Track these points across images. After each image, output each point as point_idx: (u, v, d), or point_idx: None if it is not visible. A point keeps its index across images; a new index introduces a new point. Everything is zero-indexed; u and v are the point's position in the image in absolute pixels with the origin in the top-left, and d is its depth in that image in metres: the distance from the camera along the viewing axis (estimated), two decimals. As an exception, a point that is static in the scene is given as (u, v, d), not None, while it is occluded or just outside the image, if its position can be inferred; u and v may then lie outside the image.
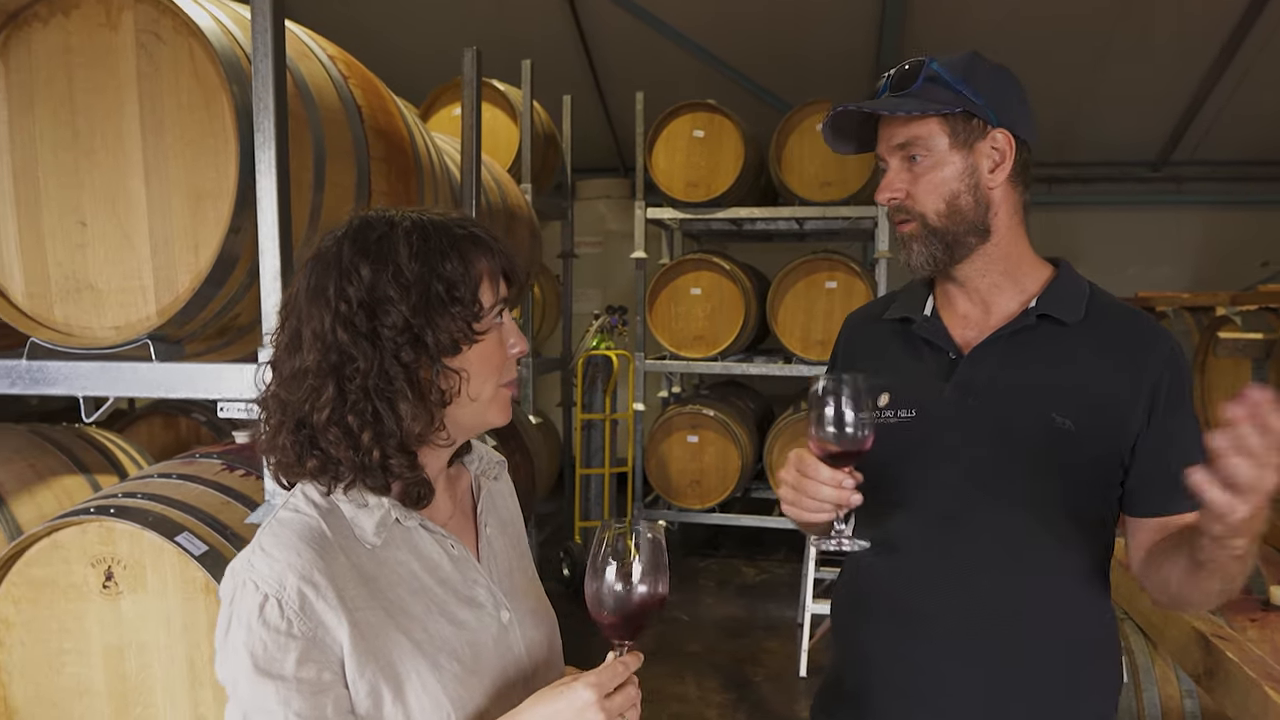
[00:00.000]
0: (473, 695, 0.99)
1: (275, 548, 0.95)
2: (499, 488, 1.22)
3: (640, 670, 0.98)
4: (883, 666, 1.32)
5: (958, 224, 1.28)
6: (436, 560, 1.04)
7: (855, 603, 1.39)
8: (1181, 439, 1.26)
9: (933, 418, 1.29)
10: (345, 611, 0.94)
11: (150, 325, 1.95)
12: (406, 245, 0.97)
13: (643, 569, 0.98)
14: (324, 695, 0.92)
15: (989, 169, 1.28)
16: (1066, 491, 1.26)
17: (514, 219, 4.01)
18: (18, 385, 2.03)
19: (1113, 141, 8.33)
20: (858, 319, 1.49)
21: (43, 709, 2.06)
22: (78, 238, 1.98)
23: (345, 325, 0.95)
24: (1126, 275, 8.63)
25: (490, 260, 1.02)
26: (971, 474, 1.26)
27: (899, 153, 1.29)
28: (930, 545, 1.26)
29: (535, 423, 5.11)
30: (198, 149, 1.90)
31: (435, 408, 0.98)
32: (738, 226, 6.44)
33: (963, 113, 1.26)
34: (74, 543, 2.01)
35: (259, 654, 0.91)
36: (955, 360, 1.31)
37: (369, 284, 0.96)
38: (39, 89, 1.98)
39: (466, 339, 0.99)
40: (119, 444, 3.00)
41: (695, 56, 7.34)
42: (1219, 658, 1.84)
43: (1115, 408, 1.25)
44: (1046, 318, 1.30)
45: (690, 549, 6.38)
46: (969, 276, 1.32)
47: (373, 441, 0.96)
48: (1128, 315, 1.33)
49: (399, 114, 2.48)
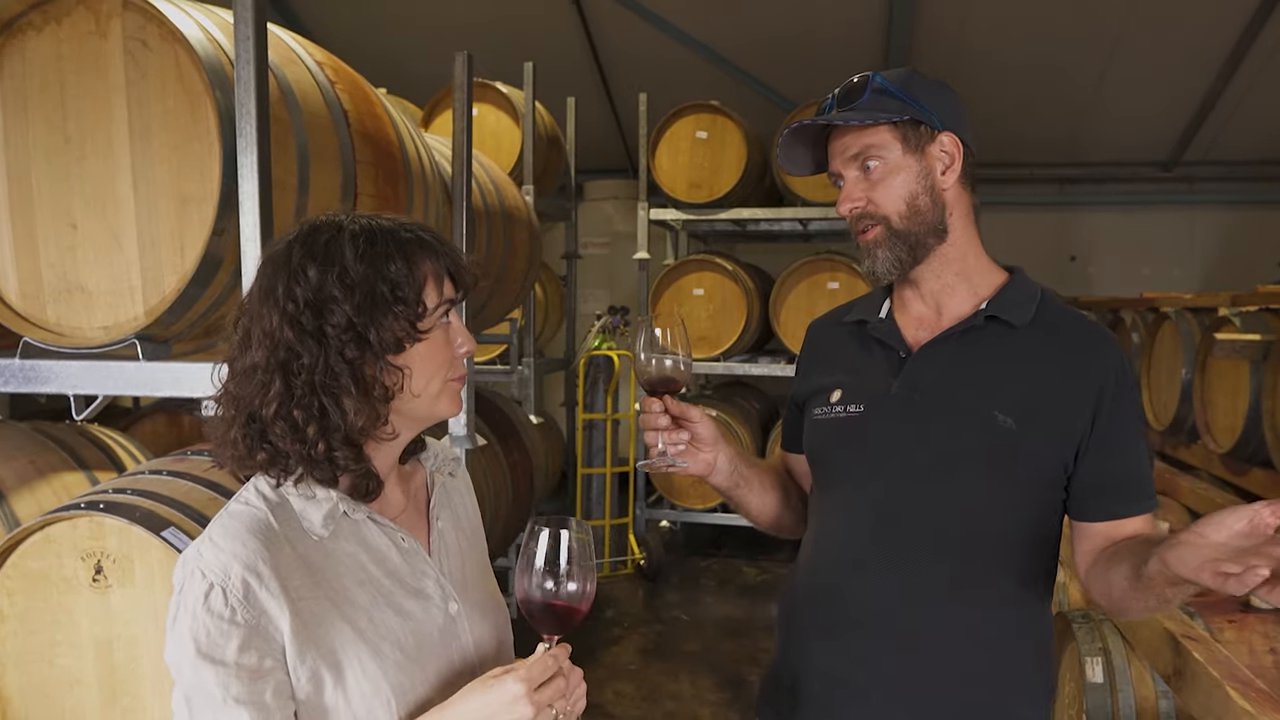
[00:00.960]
0: (414, 683, 1.03)
1: (222, 539, 0.99)
2: (455, 484, 1.26)
3: (636, 667, 1.01)
4: (818, 655, 1.35)
5: (919, 225, 1.32)
6: (385, 552, 1.08)
7: (797, 592, 1.42)
8: (1125, 445, 1.29)
9: (879, 413, 1.32)
10: (288, 600, 0.97)
11: (138, 325, 2.00)
12: (353, 248, 1.01)
13: (569, 567, 1.01)
14: (263, 681, 0.96)
15: (941, 171, 1.33)
16: (1005, 489, 1.28)
17: (512, 221, 4.05)
18: (11, 384, 2.08)
19: (1124, 141, 8.29)
20: (819, 324, 1.55)
21: (35, 699, 2.12)
22: (69, 240, 2.04)
23: (292, 324, 1.00)
24: (1140, 276, 8.59)
25: (435, 262, 1.06)
26: (913, 468, 1.29)
27: (854, 163, 1.33)
28: (871, 537, 1.29)
29: (536, 422, 5.15)
30: (183, 153, 1.95)
31: (379, 403, 1.02)
32: (742, 227, 6.46)
33: (910, 120, 1.31)
34: (65, 537, 2.07)
35: (202, 640, 0.95)
36: (905, 358, 1.35)
37: (316, 284, 1.00)
38: (33, 95, 2.03)
39: (410, 337, 1.03)
40: (120, 441, 3.06)
41: (702, 57, 7.37)
42: (1187, 658, 1.86)
43: (1058, 410, 1.28)
44: (995, 319, 1.33)
45: (693, 549, 6.41)
46: (924, 278, 1.36)
47: (318, 435, 1.01)
48: (1076, 321, 1.36)
49: (388, 118, 2.52)
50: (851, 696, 1.31)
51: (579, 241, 7.36)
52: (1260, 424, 3.73)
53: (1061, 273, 8.89)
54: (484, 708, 0.95)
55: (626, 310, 6.04)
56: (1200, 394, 4.30)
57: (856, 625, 1.30)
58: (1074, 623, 2.42)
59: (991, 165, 8.70)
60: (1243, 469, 4.03)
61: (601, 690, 4.02)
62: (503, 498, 4.14)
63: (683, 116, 5.89)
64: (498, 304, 4.12)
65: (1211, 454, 4.27)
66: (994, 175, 8.79)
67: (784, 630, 1.46)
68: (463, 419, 2.77)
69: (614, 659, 4.38)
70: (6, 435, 2.81)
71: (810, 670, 1.36)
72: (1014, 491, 1.29)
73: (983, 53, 7.18)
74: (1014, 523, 1.30)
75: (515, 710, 0.94)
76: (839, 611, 1.32)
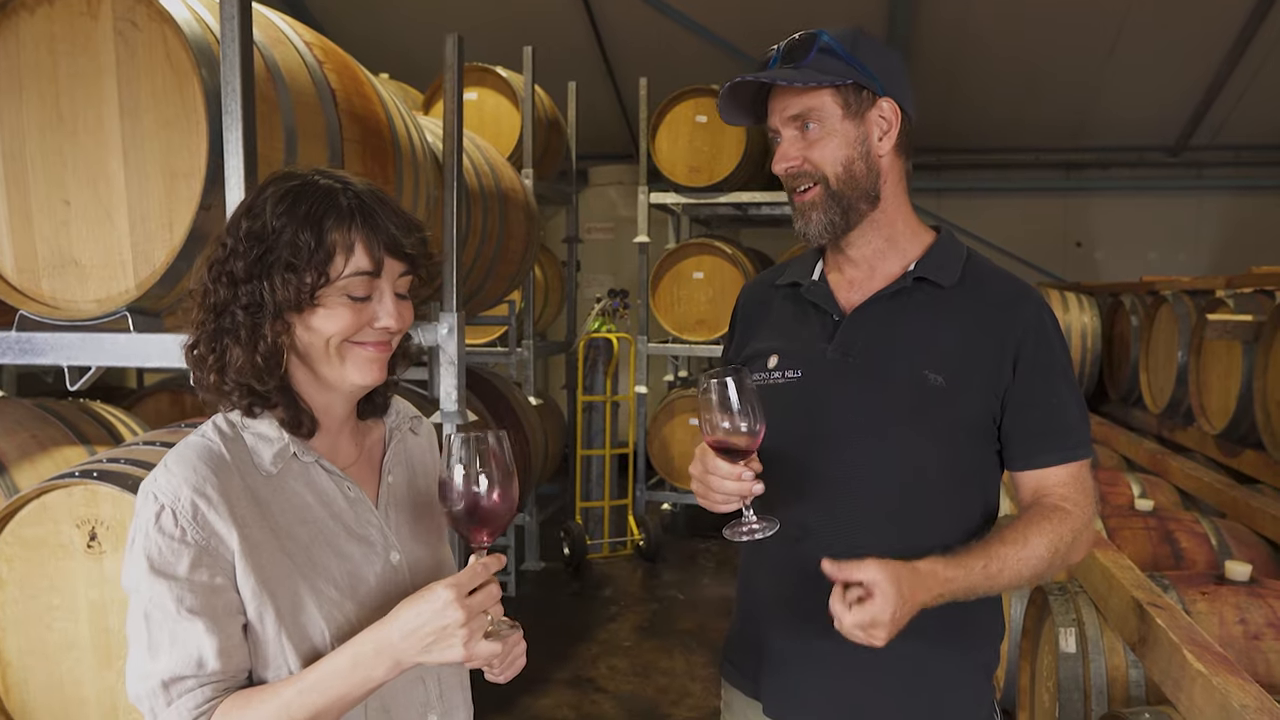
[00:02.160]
0: (349, 619, 1.08)
1: (176, 465, 1.05)
2: (418, 442, 1.30)
3: (631, 644, 1.05)
4: (773, 613, 1.40)
5: (853, 189, 1.34)
6: (331, 496, 1.12)
7: (754, 558, 1.46)
8: (1046, 395, 1.32)
9: (816, 377, 1.35)
10: (236, 525, 1.03)
11: (129, 298, 2.05)
12: (274, 205, 1.05)
13: (488, 473, 1.05)
14: (215, 596, 1.02)
15: (878, 137, 1.34)
16: (941, 447, 1.32)
17: (508, 203, 4.09)
18: (7, 356, 2.14)
19: (1130, 126, 8.24)
20: (751, 286, 1.56)
21: (34, 661, 2.19)
22: (62, 215, 2.09)
23: (212, 267, 1.07)
24: (1145, 262, 8.55)
25: (355, 233, 1.06)
26: (852, 431, 1.33)
27: (793, 123, 1.34)
28: (816, 501, 1.33)
29: (536, 404, 5.20)
30: (172, 130, 2.00)
31: (262, 356, 1.05)
32: (743, 212, 6.48)
33: (853, 84, 1.32)
34: (61, 504, 2.13)
35: (155, 557, 1.01)
36: (838, 321, 1.38)
37: (239, 234, 1.06)
38: (26, 75, 2.08)
39: (304, 302, 1.05)
40: (120, 417, 3.12)
41: (707, 42, 7.38)
42: (1150, 625, 1.89)
43: (983, 365, 1.31)
44: (924, 280, 1.36)
45: (693, 530, 6.46)
46: (855, 243, 1.38)
47: (213, 368, 1.07)
48: (1000, 278, 1.39)
49: (377, 98, 2.57)
50: (807, 654, 1.36)
51: (583, 226, 7.41)
52: (1252, 405, 3.74)
53: (1066, 259, 8.87)
54: (416, 617, 1.00)
55: (626, 293, 6.07)
56: (1195, 376, 4.31)
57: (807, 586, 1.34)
58: (1050, 595, 2.45)
59: (996, 150, 8.68)
60: (1235, 450, 4.04)
61: (595, 665, 4.08)
62: (499, 476, 4.19)
63: (682, 100, 5.91)
64: (494, 286, 4.17)
65: (1206, 436, 4.28)
66: (999, 161, 8.76)
67: (743, 592, 1.51)
68: (453, 394, 2.82)
69: (609, 636, 4.45)
70: (9, 410, 2.88)
71: (768, 632, 1.41)
72: (950, 448, 1.32)
73: (987, 36, 7.15)
74: (953, 479, 1.34)
75: (447, 615, 0.99)
76: (790, 573, 1.36)
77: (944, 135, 8.28)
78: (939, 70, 7.46)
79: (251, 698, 1.02)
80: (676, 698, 3.79)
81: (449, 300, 2.78)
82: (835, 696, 1.36)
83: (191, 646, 1.01)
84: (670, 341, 6.17)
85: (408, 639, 1.00)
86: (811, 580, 1.33)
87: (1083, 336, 5.96)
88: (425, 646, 1.00)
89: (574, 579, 5.39)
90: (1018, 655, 2.81)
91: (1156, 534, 2.92)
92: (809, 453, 1.32)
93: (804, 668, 1.37)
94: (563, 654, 4.19)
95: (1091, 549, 2.37)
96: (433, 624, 0.99)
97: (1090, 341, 5.97)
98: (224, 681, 1.02)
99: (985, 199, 8.95)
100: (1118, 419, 5.53)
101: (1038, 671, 2.67)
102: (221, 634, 1.02)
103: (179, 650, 1.01)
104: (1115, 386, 6.00)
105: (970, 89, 7.73)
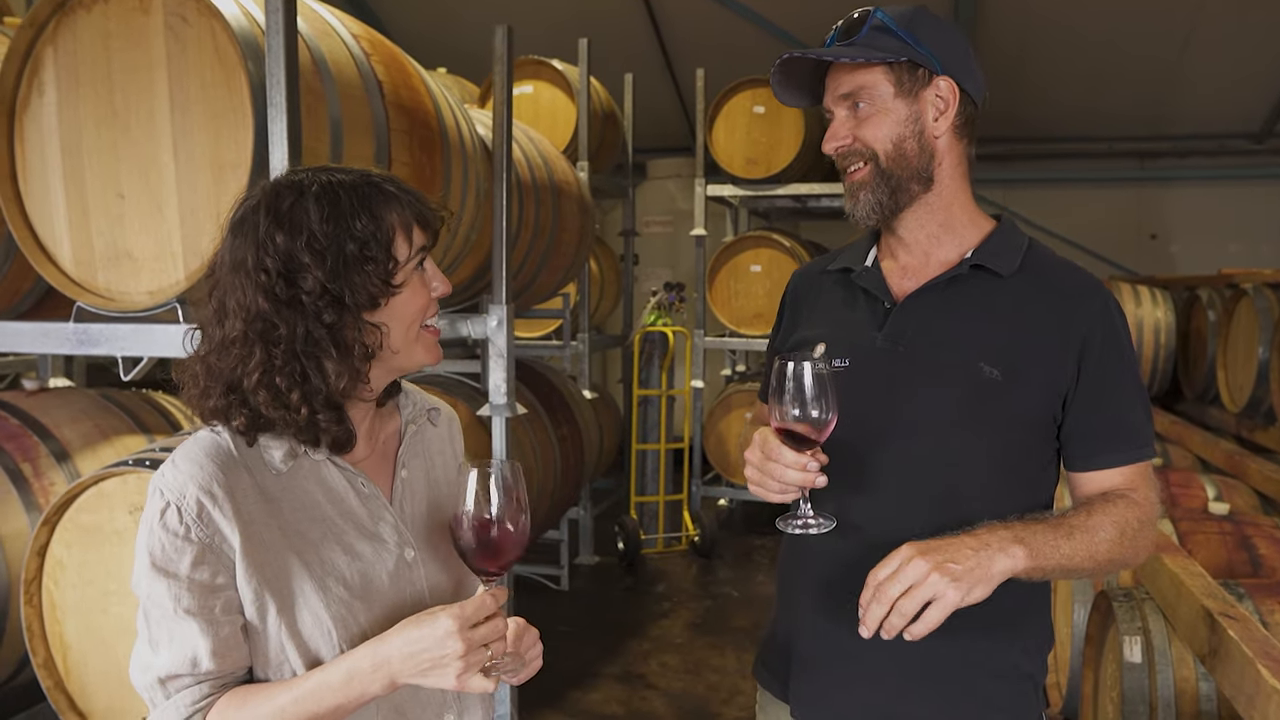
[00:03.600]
0: (358, 618, 1.06)
1: (183, 461, 1.03)
2: (435, 433, 1.26)
3: (683, 641, 1.02)
4: (806, 611, 1.34)
5: (903, 168, 1.28)
6: (342, 493, 1.10)
7: (790, 551, 1.41)
8: (1114, 394, 1.26)
9: (865, 366, 1.29)
10: (240, 523, 1.01)
11: (179, 289, 2.09)
12: (317, 209, 1.02)
13: (499, 506, 1.02)
14: (214, 596, 1.01)
15: (933, 117, 1.28)
16: (992, 442, 1.25)
17: (562, 195, 4.08)
18: (65, 346, 2.20)
19: (1210, 112, 7.91)
20: (802, 273, 1.50)
21: (92, 645, 2.24)
22: (117, 209, 2.13)
23: (266, 294, 1.00)
24: (1225, 254, 8.20)
25: (401, 211, 1.06)
26: (900, 423, 1.27)
27: (844, 102, 1.30)
28: (859, 494, 1.27)
29: (590, 398, 5.19)
30: (219, 123, 2.02)
31: (359, 362, 1.04)
32: (802, 204, 6.38)
33: (908, 61, 1.26)
34: (117, 492, 2.18)
35: (157, 554, 1.00)
36: (889, 309, 1.32)
37: (285, 252, 1.01)
38: (84, 71, 2.13)
39: (384, 293, 1.04)
40: (179, 407, 3.19)
41: (766, 32, 7.28)
42: (1222, 636, 1.79)
43: (1043, 359, 1.25)
44: (981, 269, 1.30)
45: (750, 526, 6.39)
46: (908, 227, 1.33)
47: (300, 400, 1.02)
48: (1064, 269, 1.33)
49: (425, 90, 2.57)
50: (847, 655, 1.30)
51: (640, 220, 7.38)
52: (1339, 405, 3.55)
53: (1141, 252, 8.56)
54: (416, 641, 0.98)
55: (682, 286, 6.03)
56: (1277, 374, 4.11)
57: (846, 583, 1.29)
58: (1114, 601, 2.35)
59: (1066, 140, 8.40)
60: (1321, 452, 3.84)
61: (646, 661, 4.06)
62: (551, 470, 4.19)
63: (740, 91, 5.83)
64: (547, 279, 4.16)
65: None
66: (1069, 150, 8.48)
67: (782, 593, 1.45)
68: (502, 387, 2.81)
69: (661, 632, 4.42)
70: (74, 400, 2.97)
71: (806, 632, 1.36)
72: (1002, 444, 1.26)
73: (1055, 19, 6.91)
74: (1004, 476, 1.27)
75: (446, 645, 0.97)
76: (832, 571, 1.31)
77: (1012, 124, 8.04)
78: (1006, 56, 7.24)
79: (248, 698, 1.02)
80: (727, 696, 3.75)
81: (498, 292, 2.77)
82: (867, 701, 1.30)
83: (188, 646, 1.00)
84: (727, 335, 6.10)
85: (405, 661, 0.99)
86: (850, 576, 1.28)
87: (1155, 332, 5.74)
88: (421, 671, 0.99)
89: (627, 574, 5.37)
90: (1080, 663, 2.69)
91: (1232, 539, 2.77)
92: (854, 444, 1.26)
93: (835, 669, 1.32)
94: (614, 649, 4.17)
95: (1159, 553, 2.27)
96: (431, 651, 0.98)
97: (1164, 337, 5.74)
98: (220, 679, 1.02)
99: (1055, 190, 8.68)
100: (1193, 418, 5.31)
101: (1101, 681, 2.56)
102: (216, 635, 1.01)
103: (175, 649, 1.01)
104: (1190, 384, 5.76)
105: (1039, 76, 7.49)
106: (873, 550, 1.25)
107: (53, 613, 2.23)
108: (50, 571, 2.22)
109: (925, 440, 1.26)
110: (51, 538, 2.21)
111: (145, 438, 2.96)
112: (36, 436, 2.68)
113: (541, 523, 4.39)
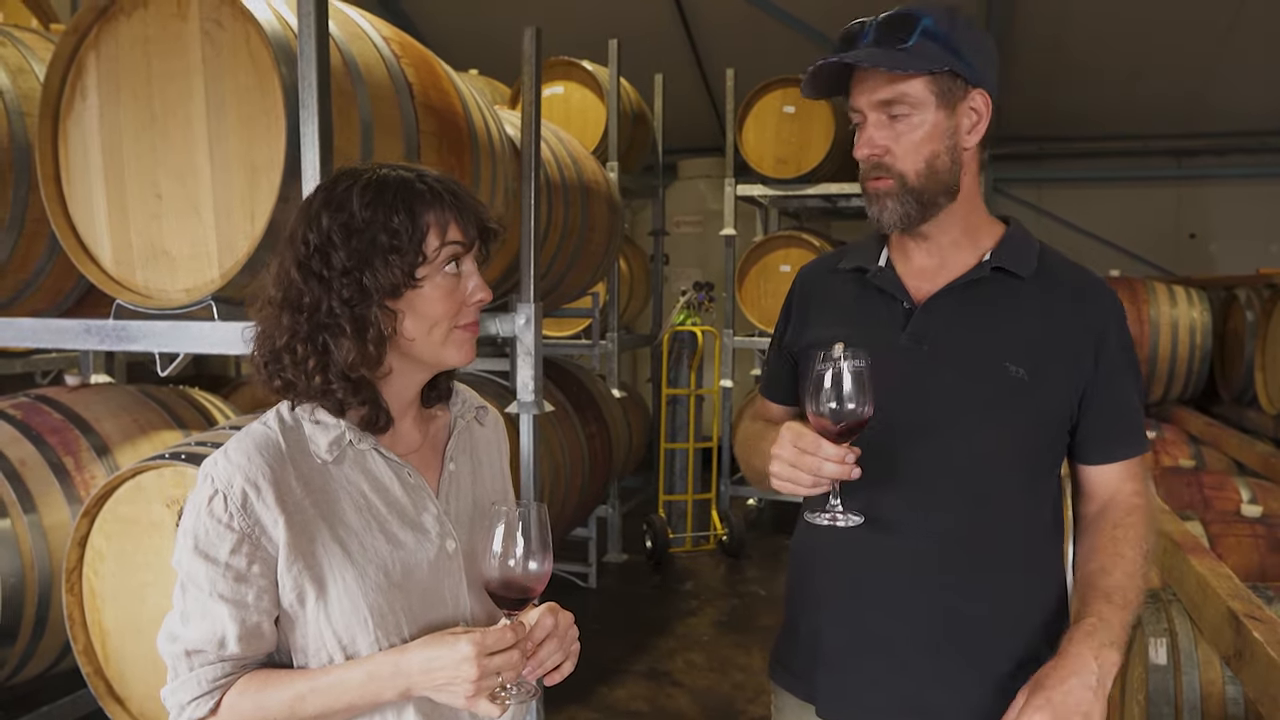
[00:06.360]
0: (395, 607, 1.10)
1: (235, 452, 1.09)
2: (484, 434, 1.31)
3: (709, 639, 1.05)
4: (831, 607, 1.35)
5: (933, 184, 1.28)
6: (386, 483, 1.14)
7: (808, 550, 1.42)
8: (1125, 388, 1.30)
9: (887, 365, 1.29)
10: (284, 514, 1.06)
11: (214, 287, 2.14)
12: (360, 197, 1.08)
13: (525, 545, 1.06)
14: (247, 585, 1.06)
15: (967, 130, 1.28)
16: (1018, 439, 1.28)
17: (591, 195, 4.11)
18: (105, 343, 2.26)
19: (1251, 108, 7.73)
20: (810, 270, 1.50)
21: (130, 633, 2.30)
22: (154, 209, 2.20)
23: (300, 266, 1.08)
24: (1267, 254, 8.04)
25: (443, 213, 1.11)
26: (924, 421, 1.28)
27: (882, 109, 1.27)
28: (885, 490, 1.28)
29: (619, 396, 5.22)
30: (253, 125, 2.08)
31: (372, 344, 1.09)
32: (832, 204, 6.36)
33: (949, 72, 1.25)
34: (153, 485, 2.24)
35: (200, 537, 1.06)
36: (910, 310, 1.33)
37: (325, 230, 1.08)
38: (124, 76, 2.19)
39: (406, 284, 1.09)
40: (215, 403, 3.27)
41: (796, 31, 7.26)
42: (1247, 638, 1.77)
43: (1064, 357, 1.28)
44: (1000, 270, 1.31)
45: (778, 526, 6.39)
46: (932, 233, 1.33)
47: (316, 368, 1.09)
48: (1074, 270, 1.36)
49: (455, 92, 2.61)
50: (878, 649, 1.31)
51: (671, 219, 7.39)
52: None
53: (1179, 251, 8.41)
54: (435, 659, 1.04)
55: (711, 286, 6.03)
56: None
57: (870, 578, 1.30)
58: (1141, 602, 2.33)
59: (1101, 138, 8.28)
60: (1361, 456, 3.77)
61: (672, 659, 4.07)
62: (579, 468, 4.22)
63: (770, 91, 5.83)
64: (576, 278, 4.19)
65: (1328, 440, 4.00)
66: (1104, 149, 8.36)
67: (794, 589, 1.46)
68: (529, 385, 2.85)
69: (688, 630, 4.43)
70: (114, 396, 3.05)
71: (824, 627, 1.36)
72: (1026, 441, 1.29)
73: (1090, 11, 6.81)
74: (1026, 471, 1.30)
75: (461, 669, 1.02)
76: (853, 565, 1.32)
77: (1045, 123, 7.94)
78: (1039, 52, 7.15)
79: (268, 681, 1.07)
80: (752, 694, 3.75)
81: (526, 291, 2.81)
82: (899, 693, 1.31)
83: (217, 627, 1.06)
84: (756, 335, 6.10)
85: (422, 675, 1.04)
86: (875, 572, 1.29)
87: (1190, 332, 5.64)
88: (435, 686, 1.04)
89: (655, 572, 5.39)
90: (1108, 665, 2.67)
91: (1265, 542, 2.74)
92: (878, 443, 1.27)
93: (865, 663, 1.32)
94: (640, 646, 4.20)
95: (1186, 555, 2.25)
96: (446, 672, 1.03)
97: (1200, 338, 5.64)
98: (241, 661, 1.08)
99: (1089, 189, 8.56)
100: (1230, 420, 5.22)
101: (1128, 683, 2.53)
102: (245, 622, 1.06)
103: (205, 626, 1.06)
104: (1227, 386, 5.66)
105: (1073, 72, 7.39)
106: (899, 545, 1.27)
107: (92, 601, 2.30)
108: (90, 561, 2.29)
109: (951, 436, 1.28)
110: (92, 528, 2.28)
111: (181, 432, 3.04)
112: (78, 430, 2.76)
113: (570, 520, 4.42)
